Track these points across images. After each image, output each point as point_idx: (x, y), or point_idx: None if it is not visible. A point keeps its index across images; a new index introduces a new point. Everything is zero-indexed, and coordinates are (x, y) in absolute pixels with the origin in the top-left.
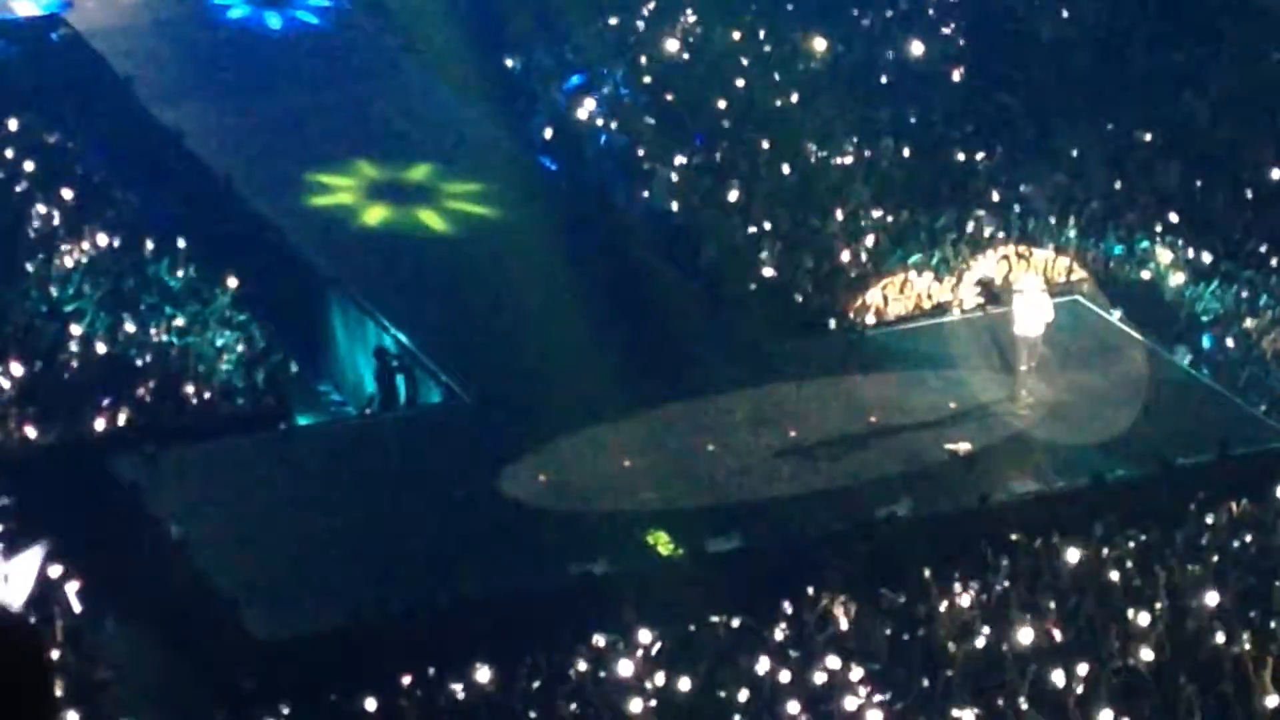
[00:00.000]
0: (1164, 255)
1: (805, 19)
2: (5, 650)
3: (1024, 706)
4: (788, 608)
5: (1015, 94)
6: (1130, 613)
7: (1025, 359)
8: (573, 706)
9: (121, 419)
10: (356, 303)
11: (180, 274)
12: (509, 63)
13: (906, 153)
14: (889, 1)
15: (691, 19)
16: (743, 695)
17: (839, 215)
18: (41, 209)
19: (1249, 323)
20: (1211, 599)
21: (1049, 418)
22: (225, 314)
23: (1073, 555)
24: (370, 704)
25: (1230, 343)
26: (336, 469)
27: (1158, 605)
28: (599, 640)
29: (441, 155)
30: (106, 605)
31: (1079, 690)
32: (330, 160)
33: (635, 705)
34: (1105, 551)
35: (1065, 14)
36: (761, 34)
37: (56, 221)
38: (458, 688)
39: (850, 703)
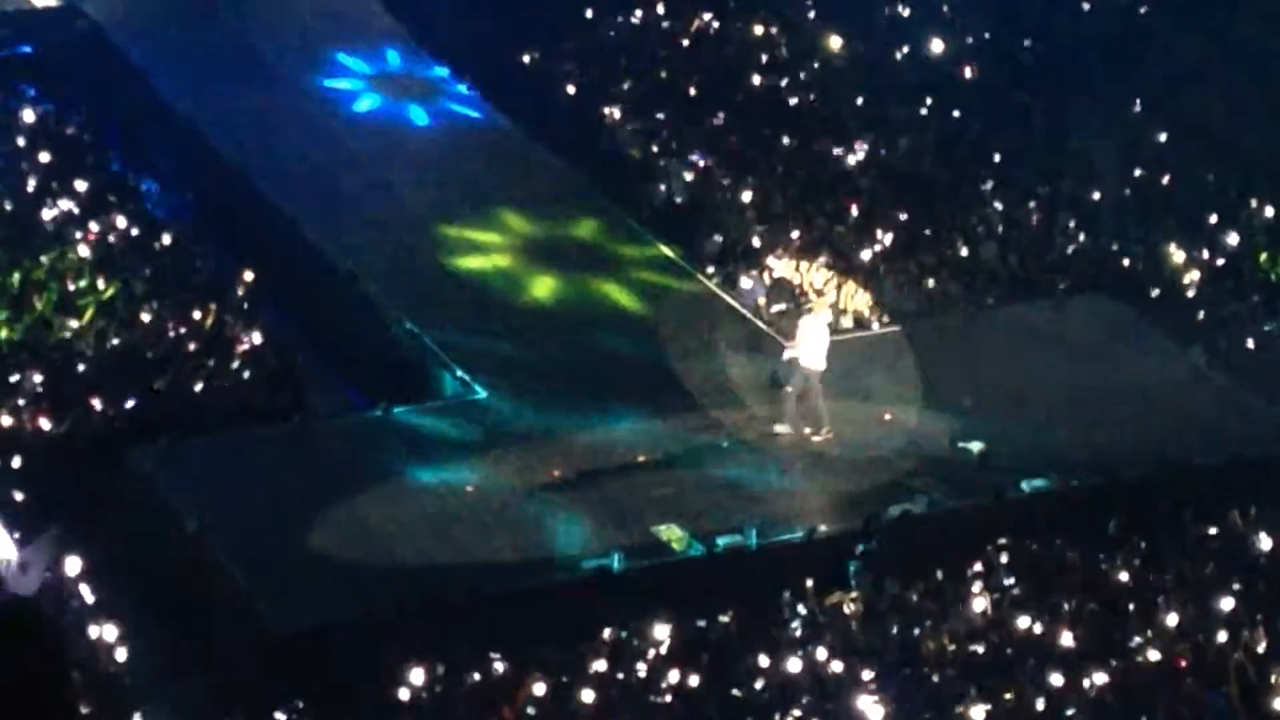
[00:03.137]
0: (1178, 254)
1: (822, 15)
2: (22, 638)
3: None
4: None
5: (1031, 91)
6: (1140, 613)
7: (800, 389)
8: (586, 701)
9: (136, 411)
10: (372, 296)
11: (197, 265)
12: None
13: (921, 150)
14: None
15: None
16: (750, 692)
17: (853, 212)
18: (57, 200)
19: (1267, 327)
20: (1226, 603)
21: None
22: (242, 306)
23: (1083, 555)
24: (385, 697)
25: (1251, 344)
26: (351, 462)
27: (1168, 605)
28: (611, 635)
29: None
30: (119, 598)
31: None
32: (351, 154)
33: (647, 700)
34: (1115, 552)
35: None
36: (776, 30)
37: (74, 212)
38: (473, 679)
39: (859, 700)
